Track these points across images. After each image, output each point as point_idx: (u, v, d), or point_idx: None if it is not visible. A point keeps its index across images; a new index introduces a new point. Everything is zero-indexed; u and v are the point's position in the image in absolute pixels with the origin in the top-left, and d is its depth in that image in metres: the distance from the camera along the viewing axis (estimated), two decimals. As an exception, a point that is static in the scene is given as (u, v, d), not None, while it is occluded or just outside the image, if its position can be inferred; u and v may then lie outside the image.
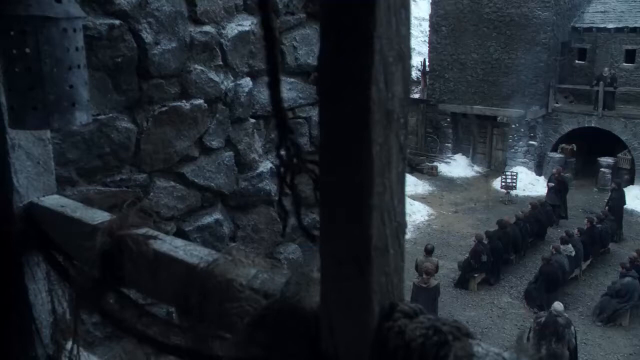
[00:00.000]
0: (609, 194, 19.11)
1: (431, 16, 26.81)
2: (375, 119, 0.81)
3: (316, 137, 3.00)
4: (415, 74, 34.89)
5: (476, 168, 26.01)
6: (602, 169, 22.99)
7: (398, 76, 0.84)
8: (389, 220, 0.87)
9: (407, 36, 0.84)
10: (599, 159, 23.20)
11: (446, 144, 26.44)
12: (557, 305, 10.61)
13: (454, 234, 18.39)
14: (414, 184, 22.89)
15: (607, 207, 17.90)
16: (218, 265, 1.13)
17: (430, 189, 23.13)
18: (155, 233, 1.28)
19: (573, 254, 14.70)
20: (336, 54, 0.82)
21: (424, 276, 12.09)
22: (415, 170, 24.53)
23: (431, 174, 24.54)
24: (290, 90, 2.82)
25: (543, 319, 10.48)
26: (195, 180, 2.50)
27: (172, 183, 2.40)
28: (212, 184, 2.54)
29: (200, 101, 2.37)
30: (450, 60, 25.91)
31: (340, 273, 0.90)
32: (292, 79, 2.82)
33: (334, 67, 0.83)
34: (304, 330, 0.96)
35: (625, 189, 20.39)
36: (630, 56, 24.81)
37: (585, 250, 15.47)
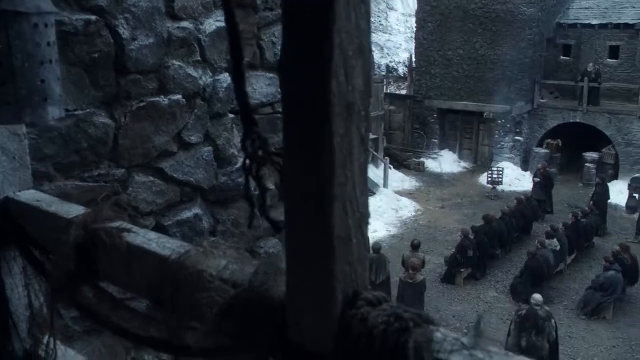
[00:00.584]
0: (594, 188, 19.29)
1: (417, 12, 26.88)
2: (335, 112, 0.83)
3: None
4: (402, 70, 35.01)
5: (463, 163, 26.15)
6: (586, 164, 23.19)
7: (358, 70, 0.86)
8: (352, 211, 0.89)
9: (366, 30, 0.86)
10: (583, 154, 23.40)
11: (433, 140, 26.55)
12: (537, 297, 10.70)
13: (441, 229, 18.49)
14: (400, 180, 22.98)
15: (591, 202, 18.07)
16: (189, 256, 1.15)
17: (417, 184, 23.22)
18: (129, 226, 1.29)
19: (558, 248, 14.83)
20: (297, 48, 0.84)
21: (410, 271, 12.15)
22: (402, 166, 24.63)
23: (418, 170, 24.64)
24: (270, 85, 2.83)
25: (524, 312, 10.58)
26: (174, 175, 2.50)
27: (151, 178, 2.41)
28: (191, 179, 2.55)
29: (179, 96, 2.38)
30: (436, 56, 26.00)
31: (304, 262, 0.92)
32: (271, 75, 2.84)
33: (296, 61, 0.84)
34: (271, 318, 0.98)
35: (609, 184, 20.59)
36: (614, 52, 25.03)
37: (570, 245, 15.61)
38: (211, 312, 1.02)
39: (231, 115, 2.64)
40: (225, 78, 2.61)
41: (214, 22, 2.49)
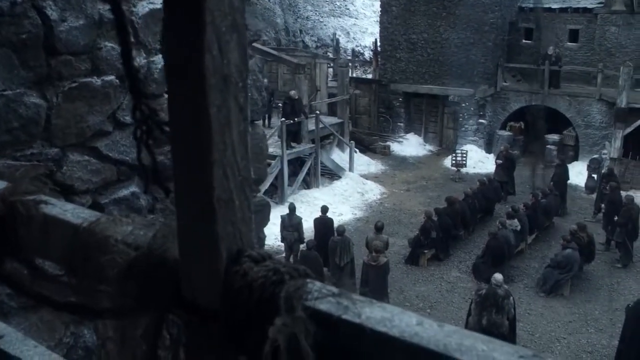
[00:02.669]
0: (554, 170, 19.73)
1: (382, -4, 26.97)
2: (210, 83, 0.91)
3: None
4: (368, 54, 35.11)
5: (428, 147, 26.45)
6: (548, 146, 23.65)
7: (233, 44, 0.93)
8: (233, 175, 0.97)
9: (240, 8, 0.93)
10: (545, 136, 23.84)
11: (398, 124, 26.77)
12: (497, 276, 10.97)
13: (406, 211, 18.74)
14: (367, 164, 23.18)
15: (551, 183, 18.46)
16: (99, 224, 1.22)
17: (383, 168, 23.44)
18: (46, 198, 1.35)
19: (519, 228, 15.17)
20: (174, 25, 0.91)
21: (374, 254, 12.31)
22: (368, 149, 24.81)
23: (384, 154, 24.85)
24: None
25: (484, 291, 10.84)
26: (110, 154, 2.55)
27: (86, 157, 2.45)
28: (127, 158, 2.60)
29: (112, 77, 2.42)
30: (401, 40, 26.15)
31: (191, 224, 1.00)
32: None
33: (174, 37, 0.92)
34: (167, 278, 1.06)
35: (570, 165, 21.08)
36: (573, 36, 25.51)
37: (531, 225, 15.98)
38: (113, 274, 1.10)
39: (166, 96, 2.67)
40: (160, 59, 2.66)
41: (147, 4, 2.53)
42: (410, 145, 25.87)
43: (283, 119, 18.56)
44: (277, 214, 15.88)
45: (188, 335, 1.06)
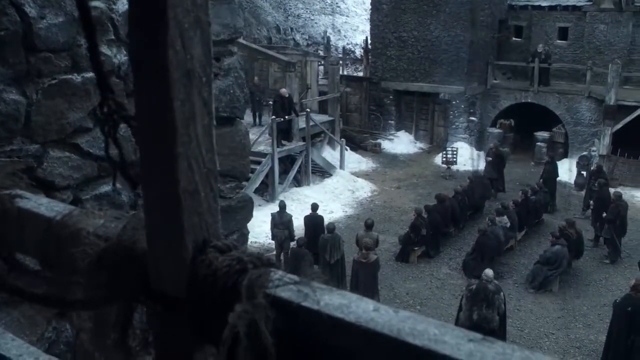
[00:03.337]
0: (543, 167, 19.84)
1: (372, -6, 27.00)
2: (174, 78, 0.93)
3: (215, 109, 3.10)
4: (359, 52, 35.16)
5: (419, 144, 26.52)
6: (538, 143, 23.78)
7: (197, 40, 0.96)
8: (198, 167, 1.00)
9: (204, 5, 0.96)
10: (535, 133, 23.98)
11: (389, 121, 26.82)
12: (488, 272, 11.03)
13: (396, 209, 18.80)
14: (357, 161, 23.22)
15: (541, 180, 18.57)
16: (72, 217, 1.24)
17: (374, 165, 23.49)
18: (21, 192, 1.38)
19: (508, 225, 15.25)
20: (139, 21, 0.94)
21: (364, 251, 12.34)
22: (359, 147, 24.85)
23: (375, 151, 24.90)
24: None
25: (474, 287, 10.90)
26: (91, 151, 2.56)
27: (67, 153, 2.46)
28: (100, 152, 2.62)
29: (92, 74, 2.43)
30: (391, 38, 26.19)
31: (157, 215, 1.02)
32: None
33: (138, 33, 0.94)
34: (136, 269, 1.09)
35: (559, 162, 21.20)
36: (563, 33, 25.63)
37: (520, 221, 16.07)
38: (84, 265, 1.12)
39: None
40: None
41: (127, 2, 2.52)
42: (401, 143, 25.93)
43: (274, 116, 18.56)
44: (267, 211, 15.92)
45: (156, 323, 1.09)
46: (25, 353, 1.49)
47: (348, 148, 22.89)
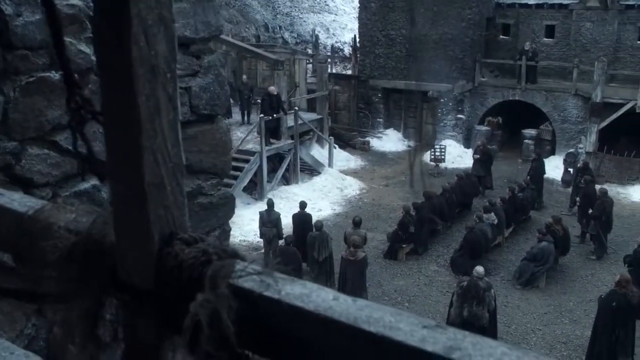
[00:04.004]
0: (531, 164, 19.97)
1: (360, -8, 27.04)
2: (139, 73, 0.95)
3: (195, 106, 3.14)
4: (347, 50, 35.20)
5: (407, 142, 26.59)
6: (525, 141, 23.92)
7: (161, 37, 0.98)
8: (164, 161, 1.02)
9: (167, 3, 0.98)
10: (523, 131, 24.11)
11: (378, 119, 26.88)
12: (479, 269, 11.07)
13: (385, 206, 18.85)
14: (346, 159, 23.27)
15: (528, 177, 18.69)
16: (44, 211, 1.26)
17: (363, 163, 23.54)
18: (-6, 189, 1.39)
19: (495, 222, 15.33)
20: (104, 19, 0.96)
21: (351, 249, 12.38)
22: (348, 145, 24.89)
23: (363, 149, 24.95)
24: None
25: (465, 283, 10.94)
26: (70, 148, 2.57)
27: (46, 150, 2.47)
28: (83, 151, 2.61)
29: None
30: (380, 36, 26.25)
31: (124, 208, 1.04)
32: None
33: (102, 29, 0.96)
34: (105, 261, 1.11)
35: (547, 159, 21.34)
36: (550, 31, 25.79)
37: (508, 218, 16.17)
38: (54, 259, 1.14)
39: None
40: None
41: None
42: (390, 141, 26.00)
43: (262, 115, 18.55)
44: (256, 210, 15.93)
45: (125, 315, 1.11)
46: (0, 348, 1.50)
47: (336, 146, 22.92)
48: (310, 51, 31.07)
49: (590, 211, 15.45)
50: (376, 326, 0.85)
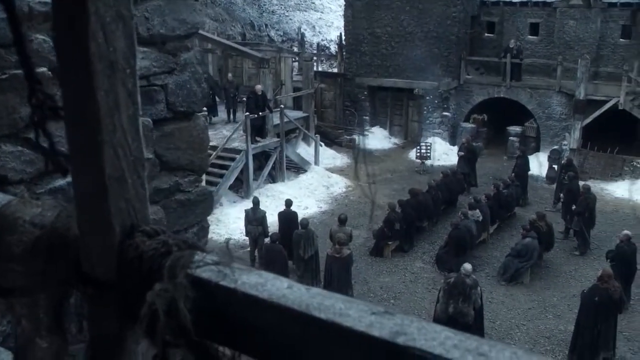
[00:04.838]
0: (515, 161, 20.11)
1: (346, -10, 27.07)
2: (97, 69, 0.97)
3: (172, 103, 3.15)
4: (334, 48, 35.21)
5: (393, 140, 26.69)
6: (510, 138, 24.08)
7: (119, 33, 1.00)
8: (124, 155, 1.04)
9: (125, 0, 1.00)
10: (508, 128, 24.27)
11: (364, 117, 26.94)
12: (467, 266, 11.12)
13: (370, 204, 18.88)
14: (332, 157, 23.30)
15: (513, 174, 18.81)
16: (10, 206, 1.27)
17: (349, 161, 23.59)
18: (-37, 184, 1.41)
19: (480, 218, 15.43)
20: (61, 16, 0.98)
21: (337, 246, 12.41)
22: (334, 143, 24.92)
23: (350, 147, 24.99)
24: (144, 59, 2.93)
25: (452, 280, 10.99)
26: (44, 145, 2.56)
27: (20, 148, 2.48)
28: (63, 148, 2.61)
29: (44, 69, 2.45)
30: (365, 34, 26.30)
31: (86, 201, 1.06)
32: (145, 49, 2.93)
33: (62, 27, 0.98)
34: (69, 254, 1.13)
35: (531, 156, 21.49)
36: (534, 29, 25.98)
37: (492, 215, 16.27)
38: (19, 252, 1.16)
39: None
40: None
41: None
42: (376, 139, 26.07)
43: (247, 113, 18.54)
44: (242, 208, 15.91)
45: (89, 307, 1.13)
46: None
47: (323, 144, 22.95)
48: (296, 49, 31.06)
49: (574, 207, 15.58)
50: (327, 313, 0.88)
